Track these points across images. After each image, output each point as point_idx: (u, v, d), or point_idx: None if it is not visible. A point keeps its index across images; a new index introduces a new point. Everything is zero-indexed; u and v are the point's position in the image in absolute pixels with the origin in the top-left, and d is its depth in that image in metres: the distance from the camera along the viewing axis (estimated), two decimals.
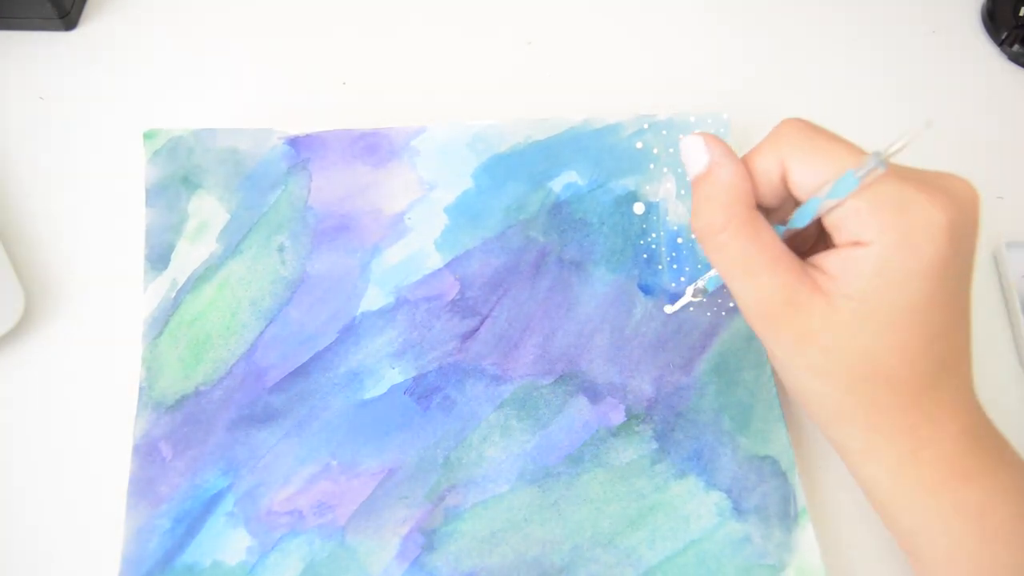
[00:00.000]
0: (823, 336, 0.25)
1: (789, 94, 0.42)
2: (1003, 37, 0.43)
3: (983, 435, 0.27)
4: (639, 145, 0.37)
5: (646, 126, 0.37)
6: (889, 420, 0.26)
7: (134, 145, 0.37)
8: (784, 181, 0.27)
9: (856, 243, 0.25)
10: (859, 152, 0.25)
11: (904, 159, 0.26)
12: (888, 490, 0.27)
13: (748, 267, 0.26)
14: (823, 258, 0.26)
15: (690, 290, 0.32)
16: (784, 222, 0.28)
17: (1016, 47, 0.43)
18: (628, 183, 0.37)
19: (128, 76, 0.40)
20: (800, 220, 0.26)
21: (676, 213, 0.36)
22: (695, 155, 0.27)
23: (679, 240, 0.36)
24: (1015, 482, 0.27)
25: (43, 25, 0.40)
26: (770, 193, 0.27)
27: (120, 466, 0.32)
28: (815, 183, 0.26)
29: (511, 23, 0.43)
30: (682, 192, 0.37)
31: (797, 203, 0.27)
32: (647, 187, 0.37)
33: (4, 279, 0.34)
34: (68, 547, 0.31)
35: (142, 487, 0.31)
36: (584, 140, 0.37)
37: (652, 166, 0.37)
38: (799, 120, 0.26)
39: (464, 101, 0.40)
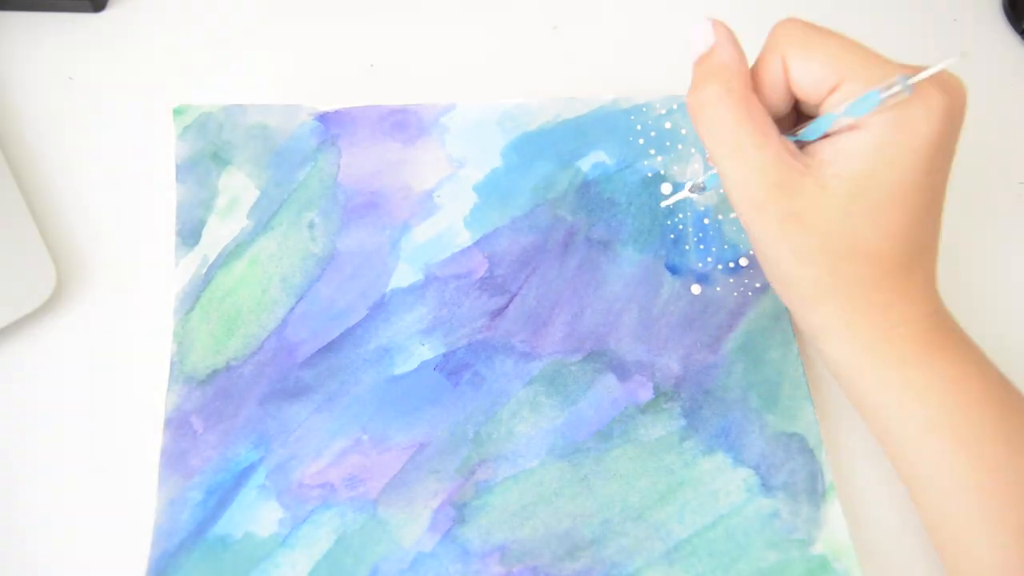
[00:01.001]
0: (809, 216, 0.26)
1: None
2: None
3: (946, 318, 0.28)
4: (668, 125, 0.37)
5: (675, 106, 0.37)
6: (866, 297, 0.27)
7: (163, 123, 0.37)
8: (788, 83, 0.27)
9: (852, 127, 0.25)
10: (855, 48, 0.26)
11: None
12: (859, 368, 0.28)
13: (738, 145, 0.26)
14: (815, 146, 0.26)
15: (688, 185, 0.32)
16: (789, 132, 0.28)
17: None
18: (656, 163, 0.37)
19: (156, 56, 0.41)
20: (812, 133, 0.26)
21: (703, 194, 0.36)
22: (701, 36, 0.27)
23: (706, 221, 0.36)
24: (980, 356, 0.28)
25: (72, 7, 0.41)
26: (776, 96, 0.27)
27: (152, 439, 0.32)
28: (813, 80, 0.26)
29: (536, 8, 0.43)
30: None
31: (799, 110, 0.28)
32: (675, 167, 0.37)
33: (36, 255, 0.34)
34: (101, 518, 0.31)
35: (174, 460, 0.31)
36: (613, 120, 0.37)
37: (680, 147, 0.37)
38: (794, 19, 0.27)
39: (489, 88, 0.40)
